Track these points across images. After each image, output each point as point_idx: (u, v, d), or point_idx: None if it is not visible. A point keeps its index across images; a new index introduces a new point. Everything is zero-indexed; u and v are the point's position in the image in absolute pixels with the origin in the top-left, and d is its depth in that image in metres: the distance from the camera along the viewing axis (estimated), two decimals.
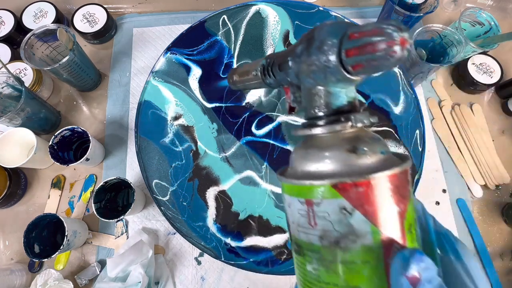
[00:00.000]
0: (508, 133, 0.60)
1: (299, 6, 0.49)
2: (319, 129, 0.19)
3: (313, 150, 0.19)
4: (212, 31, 0.49)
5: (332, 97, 0.19)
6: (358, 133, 0.19)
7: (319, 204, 0.17)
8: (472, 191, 0.56)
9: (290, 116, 0.50)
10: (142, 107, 0.48)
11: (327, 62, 0.18)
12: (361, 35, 0.16)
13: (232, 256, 0.45)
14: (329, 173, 0.18)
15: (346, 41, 0.17)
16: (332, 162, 0.18)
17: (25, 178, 0.55)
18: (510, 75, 0.63)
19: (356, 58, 0.16)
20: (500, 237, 0.54)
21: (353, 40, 0.16)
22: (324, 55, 0.18)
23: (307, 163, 0.19)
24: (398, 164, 0.17)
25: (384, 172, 0.16)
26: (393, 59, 0.16)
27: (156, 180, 0.47)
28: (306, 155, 0.19)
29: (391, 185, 0.16)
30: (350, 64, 0.17)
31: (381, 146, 0.18)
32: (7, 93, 0.52)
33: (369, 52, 0.16)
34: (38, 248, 0.46)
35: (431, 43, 0.57)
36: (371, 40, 0.16)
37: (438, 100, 0.62)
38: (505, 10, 0.69)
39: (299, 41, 0.21)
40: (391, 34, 0.16)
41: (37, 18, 0.62)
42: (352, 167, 0.17)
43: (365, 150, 0.18)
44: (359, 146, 0.18)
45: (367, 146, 0.18)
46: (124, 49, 0.64)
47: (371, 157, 0.17)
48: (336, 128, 0.18)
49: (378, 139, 0.19)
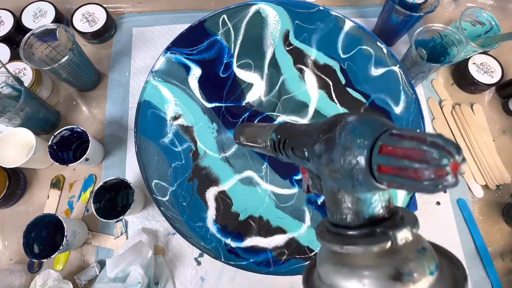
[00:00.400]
0: (508, 133, 0.60)
1: (299, 5, 0.49)
2: (355, 248, 0.15)
3: (346, 271, 0.16)
4: (212, 31, 0.49)
5: (363, 204, 0.16)
6: (401, 248, 0.15)
7: None
8: (472, 191, 0.56)
9: (290, 116, 0.50)
10: (142, 107, 0.48)
11: (355, 174, 0.15)
12: (399, 153, 0.13)
13: (232, 257, 0.45)
14: None
15: (377, 155, 0.14)
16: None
17: (25, 178, 0.55)
18: (511, 75, 0.63)
19: (392, 178, 0.14)
20: (501, 237, 0.54)
21: (387, 156, 0.14)
22: (350, 166, 0.15)
23: (339, 283, 0.16)
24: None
25: None
26: (442, 187, 0.13)
27: (155, 180, 0.46)
28: (337, 276, 0.16)
29: None
30: (384, 181, 0.14)
31: (430, 261, 0.15)
32: (7, 93, 0.52)
33: (410, 178, 0.13)
34: (37, 248, 0.46)
35: (432, 43, 0.57)
36: (412, 165, 0.13)
37: (438, 100, 0.62)
38: (505, 9, 0.69)
39: (317, 129, 0.17)
40: (440, 161, 0.12)
41: (37, 17, 0.61)
42: None
43: (411, 276, 0.14)
44: (404, 271, 0.14)
45: (414, 267, 0.14)
46: (124, 49, 0.64)
47: (419, 283, 0.14)
48: (373, 249, 0.15)
49: (424, 251, 0.15)
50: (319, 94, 0.49)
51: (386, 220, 0.16)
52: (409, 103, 0.48)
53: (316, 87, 0.49)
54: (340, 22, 0.49)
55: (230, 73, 0.50)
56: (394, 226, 0.15)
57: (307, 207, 0.47)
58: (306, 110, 0.49)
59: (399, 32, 0.60)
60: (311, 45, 0.50)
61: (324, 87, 0.49)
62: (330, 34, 0.49)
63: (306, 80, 0.50)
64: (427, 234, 0.56)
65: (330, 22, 0.49)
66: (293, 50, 0.50)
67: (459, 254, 0.53)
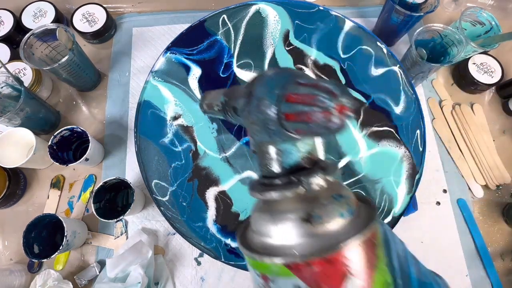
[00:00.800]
0: (508, 133, 0.60)
1: (299, 5, 0.49)
2: (272, 193, 0.17)
3: (267, 217, 0.17)
4: (212, 31, 0.49)
5: (282, 155, 0.17)
6: (318, 195, 0.17)
7: (274, 281, 0.16)
8: (472, 191, 0.56)
9: None
10: (142, 107, 0.48)
11: (268, 124, 0.16)
12: (298, 99, 0.15)
13: (232, 257, 0.45)
14: (282, 249, 0.16)
15: (284, 103, 0.15)
16: (285, 234, 0.16)
17: (25, 178, 0.55)
18: (511, 75, 0.63)
19: (296, 124, 0.15)
20: (501, 237, 0.54)
21: (290, 104, 0.15)
22: (263, 115, 0.16)
23: (262, 231, 0.17)
24: (360, 231, 0.15)
25: (341, 248, 0.14)
26: (333, 129, 0.14)
27: (155, 180, 0.46)
28: (261, 222, 0.17)
29: (352, 259, 0.15)
30: (291, 128, 0.15)
31: (342, 206, 0.16)
32: (7, 93, 0.52)
33: (307, 122, 0.15)
34: (37, 248, 0.46)
35: (432, 43, 0.57)
36: (305, 109, 0.14)
37: (438, 100, 0.62)
38: (505, 9, 0.69)
39: (246, 85, 0.19)
40: (326, 104, 0.14)
41: (37, 17, 0.61)
42: (308, 243, 0.15)
43: (321, 218, 0.16)
44: (314, 214, 0.16)
45: (324, 212, 0.16)
46: (124, 49, 0.64)
47: (329, 225, 0.16)
48: (287, 194, 0.16)
49: (339, 197, 0.17)
50: None
51: (307, 170, 0.17)
52: (409, 103, 0.48)
53: None
54: (340, 22, 0.49)
55: (230, 73, 0.50)
56: (310, 174, 0.16)
57: None
58: None
59: (399, 32, 0.60)
60: (311, 45, 0.50)
61: None
62: (330, 34, 0.49)
63: None
64: (427, 234, 0.56)
65: (330, 22, 0.49)
66: (293, 50, 0.50)
67: (459, 254, 0.53)
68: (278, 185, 0.17)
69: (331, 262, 0.14)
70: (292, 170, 0.17)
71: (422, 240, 0.53)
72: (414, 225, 0.53)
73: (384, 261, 0.16)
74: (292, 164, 0.17)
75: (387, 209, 0.46)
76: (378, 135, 0.48)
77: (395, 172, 0.47)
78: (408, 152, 0.47)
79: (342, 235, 0.15)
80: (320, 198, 0.16)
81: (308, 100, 0.14)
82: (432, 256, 0.52)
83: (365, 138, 0.48)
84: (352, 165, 0.48)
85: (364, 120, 0.48)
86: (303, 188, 0.16)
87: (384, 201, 0.46)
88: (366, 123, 0.48)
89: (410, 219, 0.52)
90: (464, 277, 0.52)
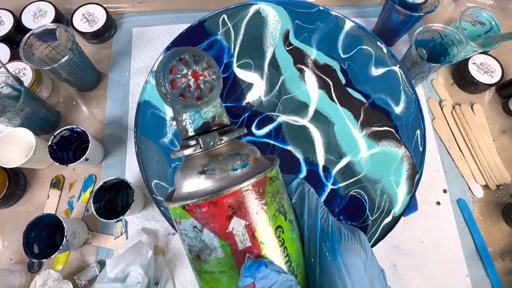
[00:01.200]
0: (508, 133, 0.60)
1: (299, 5, 0.49)
2: (176, 153, 0.20)
3: (180, 172, 0.20)
4: (212, 31, 0.49)
5: (188, 120, 0.20)
6: (218, 150, 0.20)
7: (180, 223, 0.19)
8: (472, 191, 0.56)
9: (290, 116, 0.50)
10: (142, 107, 0.48)
11: (164, 94, 0.19)
12: (172, 70, 0.18)
13: None
14: (183, 195, 0.19)
15: (168, 74, 0.18)
16: (188, 184, 0.19)
17: (25, 178, 0.55)
18: (511, 75, 0.63)
19: (175, 91, 0.18)
20: (501, 237, 0.54)
21: (170, 75, 0.18)
22: (163, 89, 0.18)
23: (176, 185, 0.21)
24: (243, 180, 0.18)
25: (222, 191, 0.17)
26: (191, 96, 0.18)
27: (155, 180, 0.46)
28: (176, 178, 0.21)
29: (234, 201, 0.18)
30: (176, 95, 0.18)
31: (235, 161, 0.19)
32: (6, 93, 0.52)
33: (176, 87, 0.18)
34: (37, 248, 0.46)
35: (432, 43, 0.57)
36: (172, 77, 0.18)
37: (438, 100, 0.62)
38: (505, 9, 0.69)
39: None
40: (182, 71, 0.18)
41: (37, 17, 0.61)
42: (200, 190, 0.19)
43: (214, 170, 0.19)
44: (209, 167, 0.19)
45: (217, 165, 0.19)
46: (124, 49, 0.64)
47: (220, 176, 0.19)
48: (185, 152, 0.20)
49: (236, 155, 0.20)
50: (319, 94, 0.49)
51: (209, 132, 0.20)
52: (409, 103, 0.48)
53: (316, 87, 0.49)
54: (340, 22, 0.49)
55: (230, 73, 0.50)
56: (207, 134, 0.20)
57: None
58: (306, 110, 0.49)
59: (399, 32, 0.60)
60: (311, 45, 0.50)
61: (324, 87, 0.49)
62: (330, 34, 0.49)
63: (306, 80, 0.49)
64: (427, 234, 0.56)
65: (330, 22, 0.49)
66: (293, 50, 0.50)
67: (459, 254, 0.53)
68: (184, 145, 0.21)
69: (216, 204, 0.18)
70: (203, 132, 0.20)
71: (422, 240, 0.53)
72: (414, 225, 0.54)
73: (273, 207, 0.19)
74: (199, 127, 0.20)
75: (387, 209, 0.46)
76: (378, 135, 0.48)
77: (395, 172, 0.47)
78: (408, 152, 0.47)
79: (229, 183, 0.18)
80: (218, 155, 0.19)
81: (175, 70, 0.18)
82: (432, 256, 0.52)
83: (365, 138, 0.48)
84: (352, 165, 0.48)
85: (364, 120, 0.48)
86: (199, 145, 0.19)
87: (384, 201, 0.46)
88: (366, 123, 0.48)
89: (410, 219, 0.52)
90: (464, 277, 0.52)
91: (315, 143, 0.48)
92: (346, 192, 0.47)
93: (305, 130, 0.49)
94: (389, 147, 0.47)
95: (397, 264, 0.52)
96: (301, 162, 0.48)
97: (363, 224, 0.46)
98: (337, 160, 0.48)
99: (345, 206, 0.47)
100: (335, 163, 0.48)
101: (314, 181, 0.47)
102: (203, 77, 0.18)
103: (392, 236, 0.47)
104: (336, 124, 0.48)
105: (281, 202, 0.20)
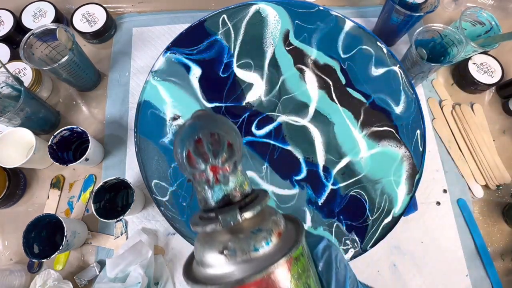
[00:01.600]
0: (508, 133, 0.60)
1: (299, 5, 0.49)
2: (195, 228, 0.19)
3: (198, 241, 0.19)
4: (212, 31, 0.49)
5: (207, 192, 0.19)
6: (239, 226, 0.18)
7: None
8: (472, 191, 0.56)
9: (290, 116, 0.50)
10: (142, 107, 0.48)
11: (186, 168, 0.18)
12: (190, 161, 0.18)
13: None
14: (203, 277, 0.18)
15: (187, 164, 0.18)
16: (206, 261, 0.18)
17: (25, 178, 0.55)
18: (511, 75, 0.63)
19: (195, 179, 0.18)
20: (501, 237, 0.54)
21: (189, 166, 0.18)
22: (182, 160, 0.18)
23: (196, 254, 0.19)
24: (267, 267, 0.17)
25: (244, 281, 0.16)
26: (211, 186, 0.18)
27: (155, 180, 0.46)
28: (197, 249, 0.19)
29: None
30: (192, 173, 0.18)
31: (258, 240, 0.18)
32: (6, 93, 0.52)
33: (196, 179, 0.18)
34: (37, 248, 0.46)
35: (432, 43, 0.57)
36: (191, 170, 0.18)
37: (438, 100, 0.62)
38: (505, 9, 0.69)
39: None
40: (200, 167, 0.18)
41: (37, 17, 0.61)
42: (220, 274, 0.18)
43: (235, 252, 0.17)
44: (230, 248, 0.18)
45: (238, 246, 0.18)
46: (124, 49, 0.64)
47: (241, 258, 0.17)
48: (207, 229, 0.18)
49: (259, 231, 0.18)
50: (319, 94, 0.49)
51: (228, 206, 0.19)
52: (409, 103, 0.48)
53: (316, 87, 0.49)
54: (340, 22, 0.49)
55: (230, 73, 0.50)
56: (226, 211, 0.18)
57: (307, 208, 0.47)
58: (306, 110, 0.49)
59: (399, 32, 0.60)
60: (311, 45, 0.50)
61: (325, 87, 0.49)
62: (330, 34, 0.49)
63: (306, 80, 0.49)
64: (427, 234, 0.56)
65: (330, 22, 0.49)
66: (293, 50, 0.50)
67: (459, 254, 0.53)
68: (203, 219, 0.19)
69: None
70: (224, 204, 0.19)
71: (422, 240, 0.53)
72: (414, 225, 0.54)
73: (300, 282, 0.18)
74: (220, 200, 0.19)
75: (387, 209, 0.46)
76: (378, 135, 0.48)
77: (395, 172, 0.47)
78: (408, 152, 0.47)
79: (252, 270, 0.17)
80: (239, 233, 0.18)
81: (192, 164, 0.18)
82: (432, 256, 0.52)
83: (365, 138, 0.48)
84: (353, 165, 0.48)
85: (364, 120, 0.48)
86: (219, 223, 0.18)
87: (384, 201, 0.46)
88: (366, 123, 0.48)
89: (410, 219, 0.52)
90: (464, 277, 0.52)
91: (315, 143, 0.48)
92: (346, 192, 0.47)
93: (305, 130, 0.49)
94: (389, 147, 0.47)
95: (397, 264, 0.52)
96: (301, 162, 0.48)
97: (363, 224, 0.46)
98: (337, 160, 0.48)
99: (345, 206, 0.47)
100: (335, 163, 0.48)
101: (314, 181, 0.47)
102: (223, 171, 0.18)
103: (392, 236, 0.47)
104: (336, 124, 0.48)
105: (307, 281, 0.19)
